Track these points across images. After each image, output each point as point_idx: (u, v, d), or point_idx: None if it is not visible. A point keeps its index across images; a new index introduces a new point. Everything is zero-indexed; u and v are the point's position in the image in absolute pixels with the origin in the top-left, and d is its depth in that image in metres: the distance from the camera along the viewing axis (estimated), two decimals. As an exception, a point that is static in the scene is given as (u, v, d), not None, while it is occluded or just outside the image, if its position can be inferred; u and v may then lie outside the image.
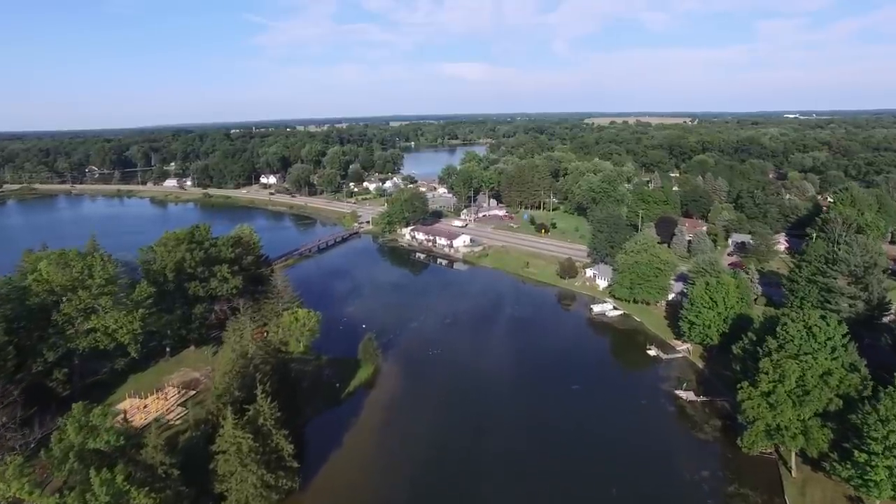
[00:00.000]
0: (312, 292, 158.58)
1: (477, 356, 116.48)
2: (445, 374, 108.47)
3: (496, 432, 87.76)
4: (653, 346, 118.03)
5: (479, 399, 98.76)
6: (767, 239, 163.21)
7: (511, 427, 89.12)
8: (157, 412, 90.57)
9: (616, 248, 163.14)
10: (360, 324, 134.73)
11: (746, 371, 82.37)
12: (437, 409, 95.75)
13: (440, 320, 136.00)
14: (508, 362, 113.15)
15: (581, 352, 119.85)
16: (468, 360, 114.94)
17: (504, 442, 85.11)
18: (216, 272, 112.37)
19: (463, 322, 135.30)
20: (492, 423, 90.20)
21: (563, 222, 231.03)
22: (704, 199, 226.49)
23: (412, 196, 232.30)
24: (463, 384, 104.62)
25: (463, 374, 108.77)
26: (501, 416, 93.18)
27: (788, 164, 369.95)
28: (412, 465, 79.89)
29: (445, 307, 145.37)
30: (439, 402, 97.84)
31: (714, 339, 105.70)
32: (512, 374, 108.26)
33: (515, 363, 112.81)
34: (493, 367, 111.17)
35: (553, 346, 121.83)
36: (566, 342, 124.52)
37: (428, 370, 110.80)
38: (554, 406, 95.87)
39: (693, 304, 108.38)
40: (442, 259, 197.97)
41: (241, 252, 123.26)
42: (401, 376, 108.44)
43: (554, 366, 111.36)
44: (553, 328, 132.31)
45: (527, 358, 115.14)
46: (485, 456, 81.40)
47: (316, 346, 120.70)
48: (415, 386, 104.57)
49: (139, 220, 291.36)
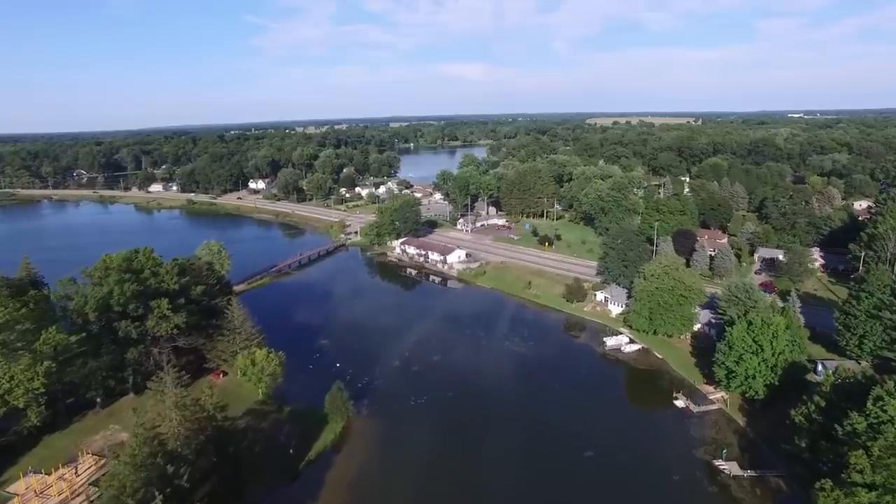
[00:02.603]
0: (284, 320, 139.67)
1: (468, 407, 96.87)
2: (428, 434, 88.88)
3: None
4: (680, 393, 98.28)
5: (469, 469, 79.31)
6: (803, 256, 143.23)
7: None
8: (59, 497, 71.20)
9: (630, 266, 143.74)
10: (335, 361, 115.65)
11: (817, 452, 62.78)
12: (415, 484, 76.37)
13: (427, 358, 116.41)
14: (506, 417, 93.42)
15: (594, 401, 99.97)
16: (457, 413, 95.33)
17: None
18: (154, 308, 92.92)
19: (453, 360, 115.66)
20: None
21: (568, 233, 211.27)
22: (724, 208, 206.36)
23: (403, 205, 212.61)
24: (449, 448, 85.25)
25: (450, 433, 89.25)
26: (496, 498, 73.71)
27: (806, 167, 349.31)
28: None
29: (434, 340, 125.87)
30: (418, 475, 78.43)
31: (759, 391, 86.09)
32: (510, 434, 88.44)
33: (514, 418, 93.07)
34: (487, 424, 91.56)
35: (560, 393, 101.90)
36: (576, 388, 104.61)
37: (407, 428, 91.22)
38: (563, 483, 76.21)
39: (731, 347, 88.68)
40: (435, 276, 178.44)
41: (188, 281, 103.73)
42: (374, 437, 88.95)
43: (562, 422, 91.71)
44: (560, 368, 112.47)
45: (529, 411, 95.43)
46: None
47: (280, 390, 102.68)
48: (390, 451, 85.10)
49: (108, 231, 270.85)
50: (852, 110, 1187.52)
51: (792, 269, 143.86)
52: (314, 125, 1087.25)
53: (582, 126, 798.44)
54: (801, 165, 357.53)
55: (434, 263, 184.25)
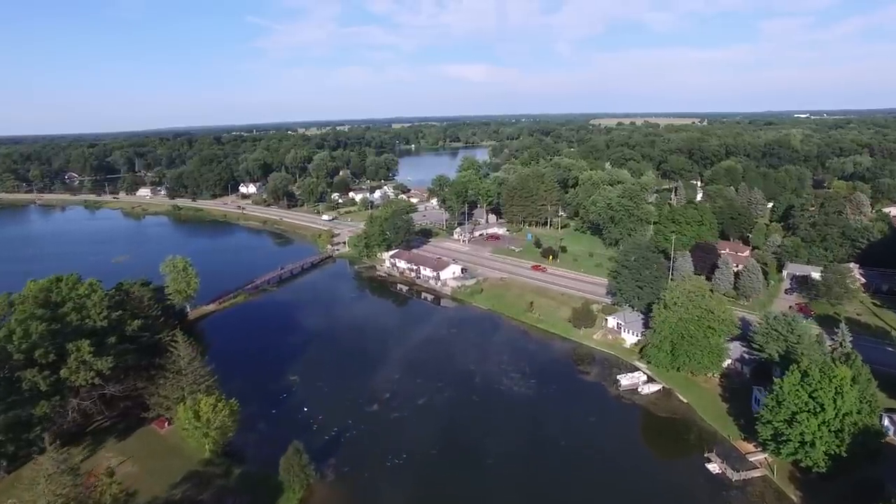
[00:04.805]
0: (251, 349, 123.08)
1: (457, 470, 79.78)
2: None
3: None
4: (713, 453, 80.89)
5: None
6: (845, 274, 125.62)
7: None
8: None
9: (646, 287, 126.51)
10: (303, 404, 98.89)
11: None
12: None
13: (410, 400, 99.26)
14: (502, 488, 76.23)
15: (609, 465, 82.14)
16: (443, 477, 78.36)
17: None
18: (71, 351, 76.20)
19: (441, 404, 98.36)
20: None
21: (574, 244, 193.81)
22: (744, 217, 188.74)
23: (394, 214, 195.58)
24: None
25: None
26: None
27: (825, 170, 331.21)
28: None
29: (420, 376, 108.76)
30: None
31: (819, 462, 68.66)
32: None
33: (514, 488, 75.90)
34: (480, 495, 74.51)
35: (567, 452, 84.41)
36: (586, 445, 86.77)
37: (382, 499, 74.22)
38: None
39: (780, 403, 71.30)
40: (427, 294, 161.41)
41: (123, 315, 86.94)
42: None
43: (570, 494, 74.47)
44: (567, 415, 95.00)
45: (531, 476, 78.15)
46: None
47: (234, 444, 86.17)
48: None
49: (81, 240, 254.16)
50: (858, 110, 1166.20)
51: (831, 289, 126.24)
52: (317, 126, 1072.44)
53: (586, 127, 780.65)
54: (820, 168, 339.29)
55: (426, 280, 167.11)
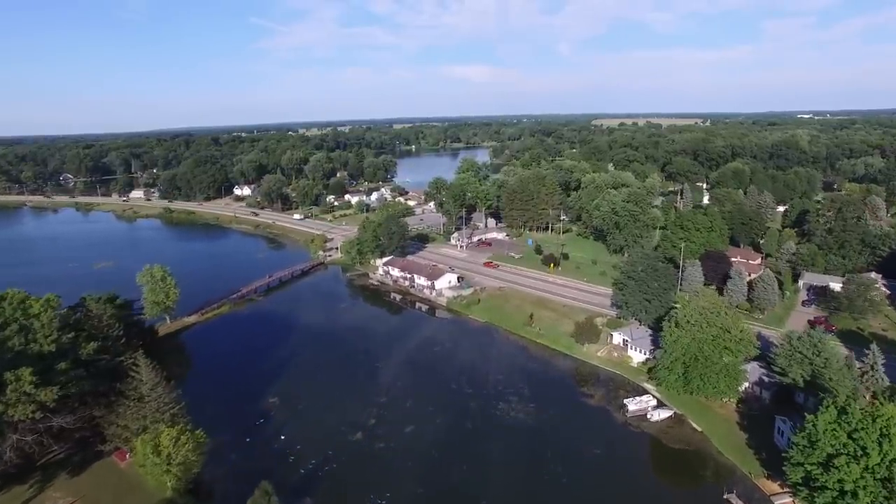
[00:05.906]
0: (229, 366, 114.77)
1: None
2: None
3: None
4: (733, 494, 72.09)
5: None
6: (869, 286, 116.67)
7: None
8: None
9: (654, 300, 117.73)
10: (280, 432, 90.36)
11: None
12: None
13: (397, 428, 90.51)
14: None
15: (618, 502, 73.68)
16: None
17: None
18: (9, 381, 67.64)
19: (431, 433, 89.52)
20: None
21: (576, 250, 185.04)
22: (755, 222, 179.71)
23: (388, 218, 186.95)
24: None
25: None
26: None
27: (835, 172, 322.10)
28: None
29: (410, 399, 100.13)
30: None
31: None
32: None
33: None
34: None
35: (571, 493, 75.57)
36: (592, 482, 78.08)
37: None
38: None
39: (814, 444, 62.44)
40: (421, 304, 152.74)
41: (75, 337, 78.38)
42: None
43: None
44: (569, 446, 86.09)
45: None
46: None
47: (202, 477, 77.78)
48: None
49: (70, 245, 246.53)
50: (861, 110, 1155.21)
51: (853, 302, 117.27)
52: (318, 127, 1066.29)
53: (588, 127, 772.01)
54: (830, 170, 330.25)
55: (420, 289, 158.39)
